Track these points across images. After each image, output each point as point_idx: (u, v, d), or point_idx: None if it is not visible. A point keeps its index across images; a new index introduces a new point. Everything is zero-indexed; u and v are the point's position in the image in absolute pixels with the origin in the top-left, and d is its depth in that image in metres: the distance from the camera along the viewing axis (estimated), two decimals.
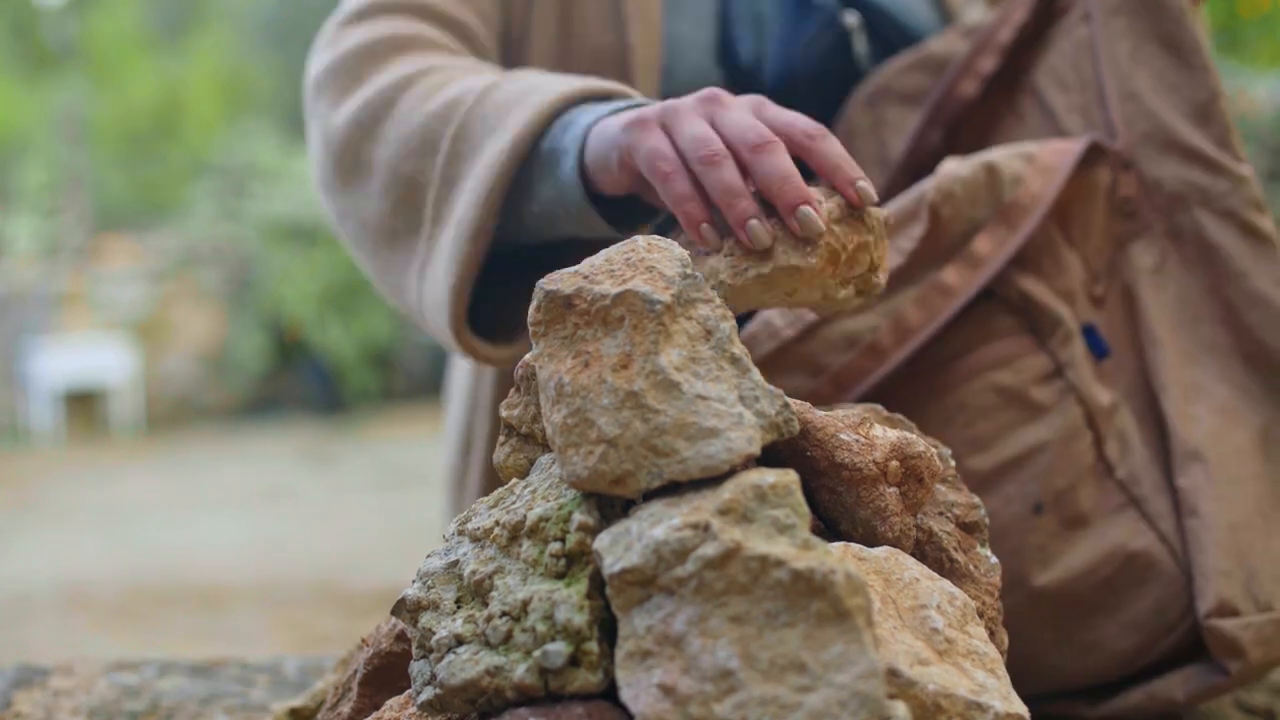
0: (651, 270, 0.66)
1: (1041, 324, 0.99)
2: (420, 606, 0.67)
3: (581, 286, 0.65)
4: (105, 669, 1.19)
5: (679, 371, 0.63)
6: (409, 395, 10.99)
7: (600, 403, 0.63)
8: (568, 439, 0.64)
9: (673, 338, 0.64)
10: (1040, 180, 1.00)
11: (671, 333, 0.64)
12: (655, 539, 0.58)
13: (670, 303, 0.64)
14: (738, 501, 0.58)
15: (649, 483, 0.61)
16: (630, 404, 0.62)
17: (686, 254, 0.68)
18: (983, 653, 0.62)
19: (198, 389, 10.60)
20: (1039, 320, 0.99)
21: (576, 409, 0.63)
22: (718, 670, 0.54)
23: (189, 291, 10.57)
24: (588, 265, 0.67)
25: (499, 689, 0.62)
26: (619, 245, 0.69)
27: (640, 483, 0.62)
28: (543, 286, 0.66)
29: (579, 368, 0.64)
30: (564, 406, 0.64)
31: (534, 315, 0.66)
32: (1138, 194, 1.03)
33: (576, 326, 0.65)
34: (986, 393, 0.98)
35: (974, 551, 0.76)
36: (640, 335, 0.63)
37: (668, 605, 0.57)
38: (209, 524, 6.60)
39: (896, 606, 0.63)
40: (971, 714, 0.58)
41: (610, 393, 0.62)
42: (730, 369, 0.64)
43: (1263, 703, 1.06)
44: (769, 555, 0.55)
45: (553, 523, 0.65)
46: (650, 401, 0.62)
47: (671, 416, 0.61)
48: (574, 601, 0.62)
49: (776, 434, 0.63)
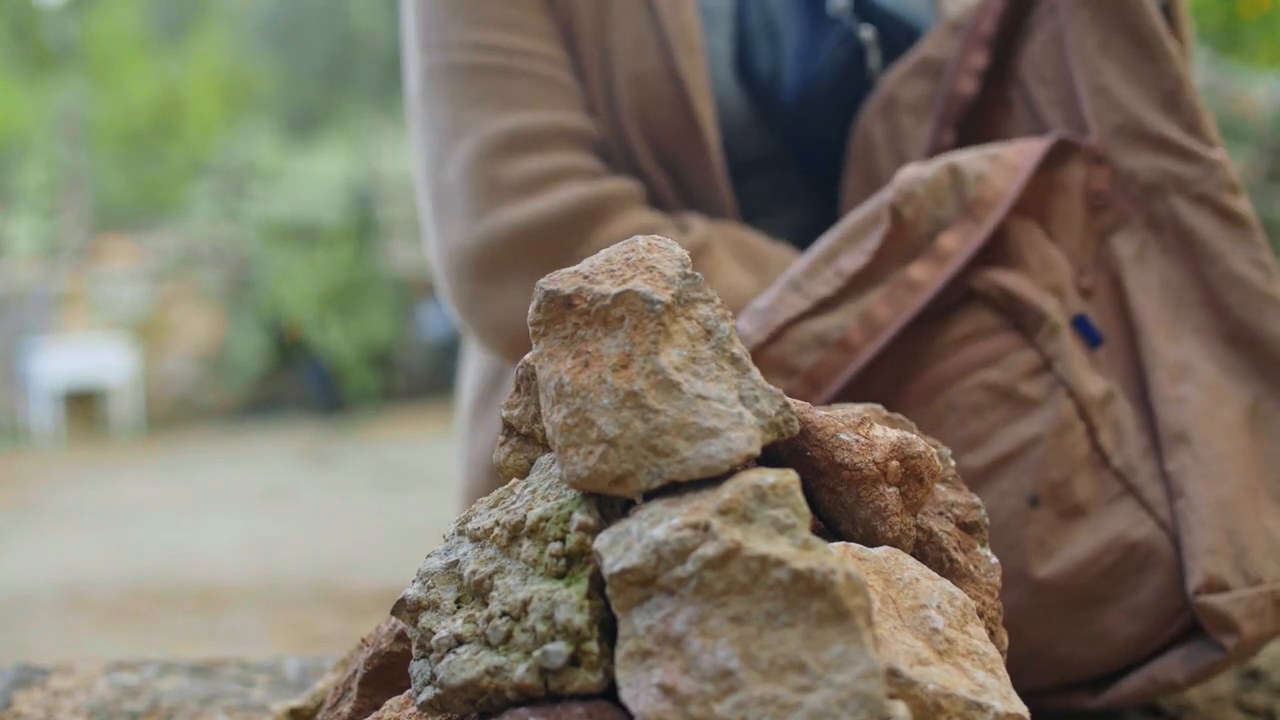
0: (652, 270, 0.66)
1: (1026, 320, 0.99)
2: (420, 606, 0.67)
3: (581, 286, 0.65)
4: (105, 669, 1.19)
5: (679, 371, 0.63)
6: (409, 395, 11.00)
7: (600, 403, 0.63)
8: (568, 439, 0.64)
9: (673, 338, 0.64)
10: (1004, 177, 1.01)
11: (671, 333, 0.64)
12: (655, 539, 0.58)
13: (670, 303, 0.64)
14: (738, 501, 0.58)
15: (649, 483, 0.61)
16: (630, 404, 0.62)
17: (686, 254, 0.68)
18: (983, 653, 0.62)
19: (197, 389, 10.60)
20: (1024, 316, 0.99)
21: (576, 409, 0.63)
22: (718, 670, 0.54)
23: (189, 292, 10.57)
24: (588, 265, 0.67)
25: (499, 689, 0.62)
26: (619, 244, 0.69)
27: (640, 483, 0.62)
28: (542, 286, 0.66)
29: (579, 368, 0.64)
30: (564, 406, 0.64)
31: (534, 315, 0.66)
32: (1110, 187, 1.04)
33: (576, 326, 0.65)
34: (976, 391, 0.99)
35: (974, 551, 0.76)
36: (640, 335, 0.63)
37: (668, 605, 0.57)
38: (209, 524, 6.60)
39: (896, 606, 0.63)
40: (971, 714, 0.58)
41: (610, 393, 0.62)
42: (730, 369, 0.64)
43: (1263, 702, 1.06)
44: (769, 555, 0.55)
45: (553, 523, 0.65)
46: (650, 401, 0.62)
47: (671, 416, 0.61)
48: (574, 601, 0.62)
49: (776, 434, 0.63)
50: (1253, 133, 4.77)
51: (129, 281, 10.34)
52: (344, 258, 10.62)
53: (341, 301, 10.47)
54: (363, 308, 10.52)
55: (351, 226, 10.94)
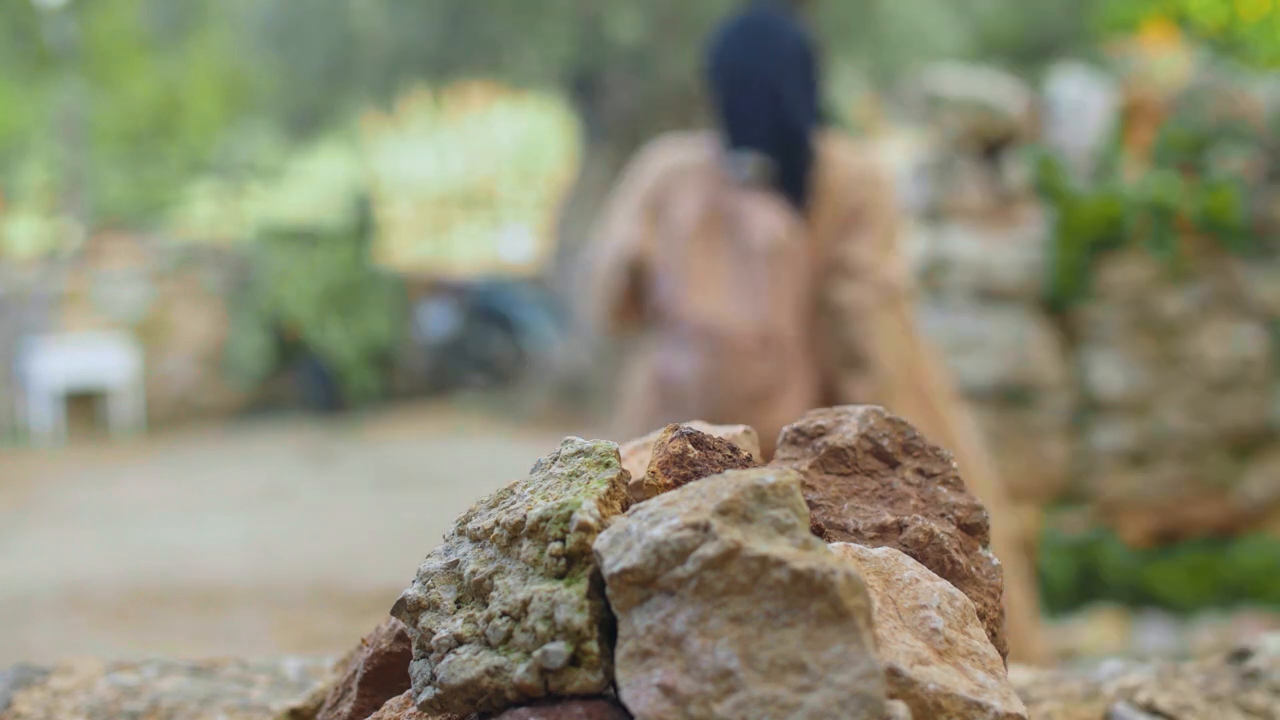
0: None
1: None
2: (420, 606, 0.67)
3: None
4: (105, 669, 1.19)
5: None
6: (409, 396, 10.99)
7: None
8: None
9: None
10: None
11: None
12: (655, 539, 0.58)
13: None
14: (737, 501, 0.58)
15: None
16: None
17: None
18: (982, 653, 0.62)
19: (197, 389, 10.60)
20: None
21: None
22: (718, 670, 0.54)
23: (188, 291, 10.57)
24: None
25: (499, 689, 0.62)
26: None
27: None
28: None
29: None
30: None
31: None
32: None
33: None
34: None
35: (975, 553, 0.76)
36: None
37: (668, 605, 0.57)
38: (209, 524, 6.60)
39: (896, 607, 0.63)
40: (971, 714, 0.58)
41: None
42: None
43: (1262, 703, 1.06)
44: (769, 555, 0.55)
45: (553, 523, 0.65)
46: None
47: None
48: (574, 601, 0.62)
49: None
50: (1253, 133, 4.76)
51: (129, 281, 10.33)
52: (344, 258, 10.62)
53: (341, 302, 10.46)
54: (363, 308, 10.51)
55: (351, 226, 10.93)
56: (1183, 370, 4.70)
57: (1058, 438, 4.70)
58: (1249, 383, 4.70)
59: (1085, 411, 4.72)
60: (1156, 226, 4.66)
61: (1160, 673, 1.15)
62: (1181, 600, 4.48)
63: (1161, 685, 1.12)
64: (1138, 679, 1.14)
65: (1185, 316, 4.69)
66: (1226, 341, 4.69)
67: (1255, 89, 4.93)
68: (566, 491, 0.67)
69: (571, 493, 0.66)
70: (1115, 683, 1.15)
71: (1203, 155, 4.81)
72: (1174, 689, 1.11)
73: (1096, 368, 4.71)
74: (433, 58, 10.73)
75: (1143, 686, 1.12)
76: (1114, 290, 4.69)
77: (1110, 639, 4.13)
